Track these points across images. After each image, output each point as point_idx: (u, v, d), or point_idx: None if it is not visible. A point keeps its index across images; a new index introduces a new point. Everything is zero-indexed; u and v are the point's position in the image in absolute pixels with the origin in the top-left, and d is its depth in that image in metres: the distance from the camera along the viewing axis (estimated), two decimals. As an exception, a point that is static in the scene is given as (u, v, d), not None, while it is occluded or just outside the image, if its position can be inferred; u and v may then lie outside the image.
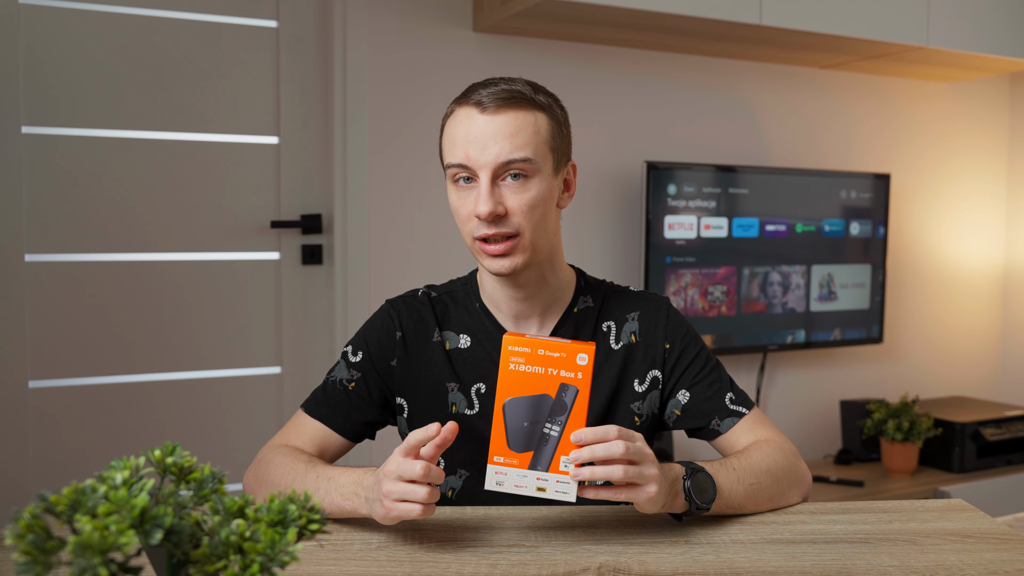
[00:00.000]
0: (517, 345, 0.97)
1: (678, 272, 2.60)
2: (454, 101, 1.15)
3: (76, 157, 2.09)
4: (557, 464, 0.95)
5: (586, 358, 0.96)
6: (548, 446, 0.95)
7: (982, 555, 0.97)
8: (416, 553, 0.97)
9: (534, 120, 1.11)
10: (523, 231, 1.11)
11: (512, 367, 0.97)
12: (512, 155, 1.09)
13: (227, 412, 2.27)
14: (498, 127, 1.09)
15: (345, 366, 1.22)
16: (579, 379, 0.96)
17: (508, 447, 0.96)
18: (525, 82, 1.14)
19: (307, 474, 1.07)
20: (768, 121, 2.87)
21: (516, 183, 1.10)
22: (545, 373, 0.96)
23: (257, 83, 2.26)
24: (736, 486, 1.07)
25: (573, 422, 0.95)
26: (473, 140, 1.09)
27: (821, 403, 3.02)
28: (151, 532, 0.56)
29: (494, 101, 1.09)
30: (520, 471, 0.96)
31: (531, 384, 0.96)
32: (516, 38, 2.46)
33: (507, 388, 0.97)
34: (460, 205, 1.13)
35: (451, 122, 1.14)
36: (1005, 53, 2.75)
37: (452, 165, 1.12)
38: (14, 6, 2.01)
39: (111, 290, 2.14)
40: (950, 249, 3.27)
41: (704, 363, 1.22)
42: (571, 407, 0.95)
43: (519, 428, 0.96)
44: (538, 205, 1.12)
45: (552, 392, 0.96)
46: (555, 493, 0.95)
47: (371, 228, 2.31)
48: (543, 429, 0.96)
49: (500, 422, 0.96)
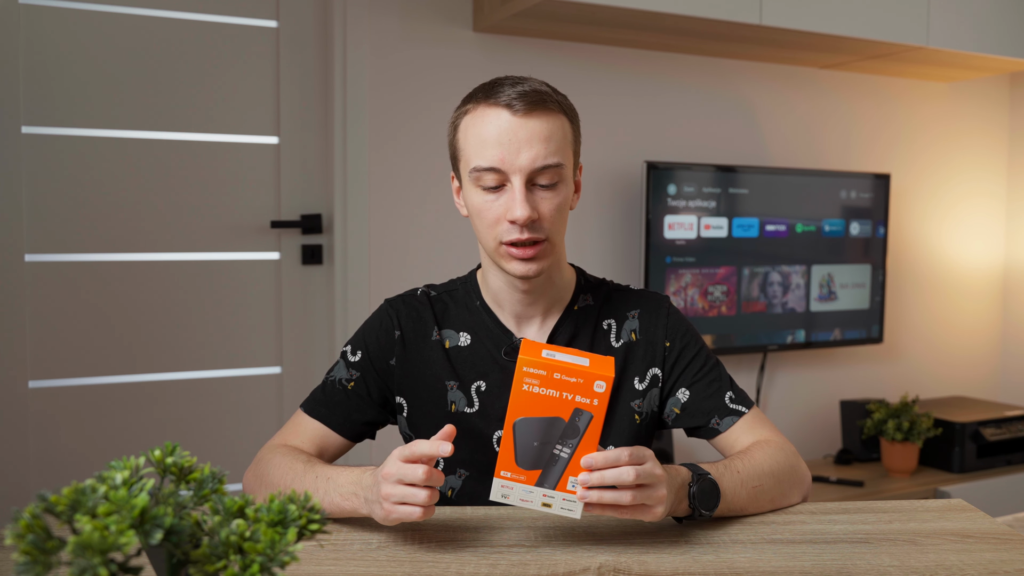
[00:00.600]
0: (533, 367, 0.93)
1: (678, 272, 2.59)
2: (472, 99, 1.11)
3: (76, 157, 2.09)
4: (565, 483, 0.94)
5: (604, 386, 0.92)
6: (557, 467, 0.94)
7: (982, 555, 0.97)
8: (416, 553, 0.97)
9: (561, 124, 1.11)
10: (551, 235, 1.11)
11: (526, 387, 0.93)
12: (547, 160, 1.08)
13: (227, 412, 2.27)
14: (531, 131, 1.07)
15: (344, 366, 1.22)
16: (595, 406, 0.93)
17: (516, 464, 0.94)
18: (541, 83, 1.12)
19: (306, 474, 1.07)
20: (768, 121, 2.87)
21: (548, 188, 1.10)
22: (560, 397, 0.93)
23: (257, 83, 2.26)
24: (739, 490, 1.07)
25: (585, 446, 0.93)
26: (507, 143, 1.07)
27: (821, 403, 3.02)
28: (151, 532, 0.56)
29: (525, 103, 1.07)
30: (526, 487, 0.95)
31: (544, 407, 0.93)
32: (516, 38, 2.46)
33: (519, 408, 0.94)
34: (486, 208, 1.10)
35: (477, 122, 1.10)
36: (1005, 53, 2.75)
37: (482, 168, 1.09)
38: (14, 6, 2.01)
39: (111, 290, 2.14)
40: (950, 249, 3.27)
41: (704, 362, 1.22)
42: (584, 431, 0.93)
43: (529, 447, 0.94)
44: (564, 209, 1.12)
45: (565, 416, 0.93)
46: (560, 510, 0.95)
47: (371, 228, 2.31)
48: (553, 450, 0.94)
49: (509, 439, 0.94)
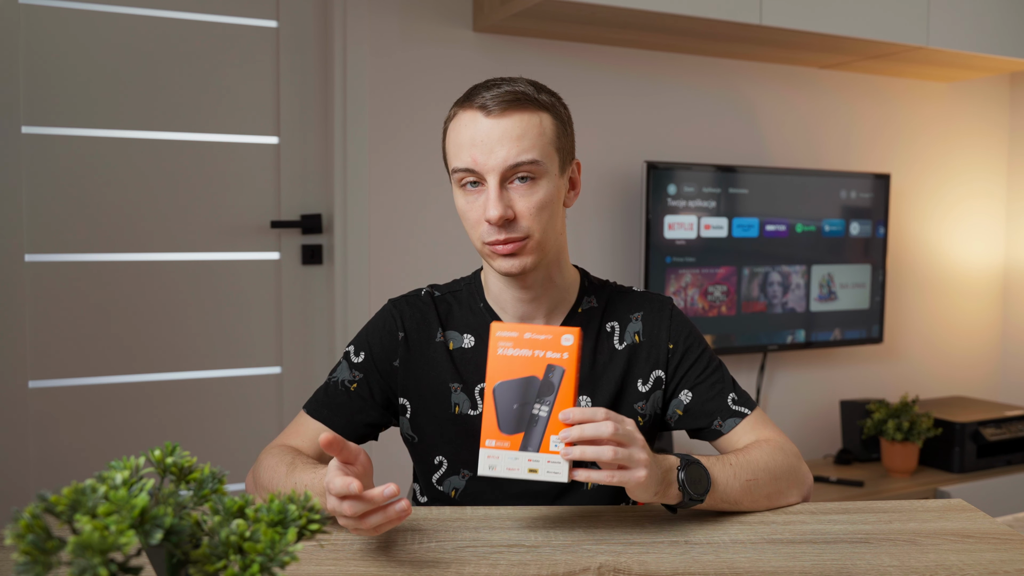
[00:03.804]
0: (504, 331, 1.00)
1: (678, 272, 2.59)
2: (456, 104, 1.14)
3: (76, 157, 2.09)
4: (547, 444, 0.97)
5: (571, 339, 0.98)
6: (538, 426, 0.97)
7: (982, 555, 0.97)
8: (416, 553, 0.97)
9: (539, 121, 1.11)
10: (532, 233, 1.11)
11: (500, 351, 0.99)
12: (519, 158, 1.08)
13: (227, 412, 2.27)
14: (503, 130, 1.08)
15: (347, 367, 1.22)
16: (565, 359, 0.98)
17: (499, 429, 0.98)
18: (527, 82, 1.13)
19: (287, 477, 1.07)
20: (768, 121, 2.87)
21: (524, 186, 1.10)
22: (532, 356, 0.98)
23: (257, 83, 2.26)
24: (732, 481, 1.07)
25: (561, 402, 0.97)
26: (479, 144, 1.09)
27: (821, 403, 3.02)
28: (151, 532, 0.56)
29: (498, 104, 1.09)
30: (511, 453, 0.97)
31: (519, 367, 0.99)
32: (516, 38, 2.46)
33: (496, 372, 0.99)
34: (468, 209, 1.12)
35: (455, 125, 1.13)
36: (1005, 53, 2.75)
37: (459, 170, 1.11)
38: (14, 6, 2.01)
39: (111, 290, 2.14)
40: (950, 249, 3.27)
41: (707, 363, 1.22)
42: (558, 387, 0.97)
43: (509, 410, 0.98)
44: (546, 206, 1.11)
45: (540, 374, 0.98)
46: (547, 474, 0.96)
47: (371, 228, 2.31)
48: (532, 410, 0.97)
49: (491, 405, 0.98)
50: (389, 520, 0.91)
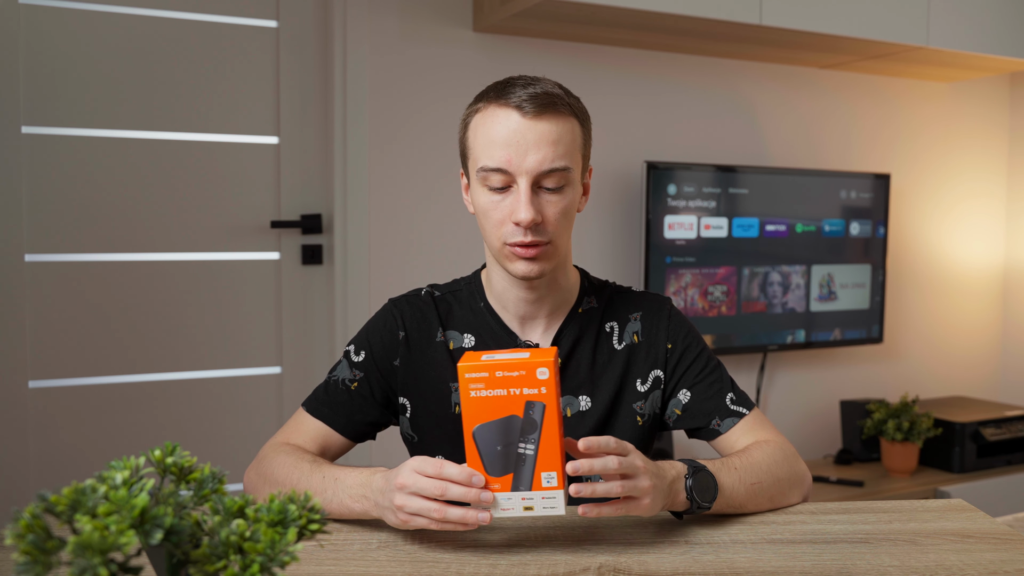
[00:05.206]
0: (474, 372, 0.92)
1: (678, 272, 2.59)
2: (483, 98, 1.12)
3: (76, 157, 2.09)
4: (539, 481, 0.93)
5: (547, 372, 0.91)
6: (526, 465, 0.93)
7: (982, 555, 0.97)
8: (416, 553, 0.97)
9: (571, 128, 1.10)
10: (554, 239, 1.11)
11: (473, 394, 0.93)
12: (554, 163, 1.08)
13: (227, 412, 2.27)
14: (540, 133, 1.07)
15: (348, 365, 1.22)
16: (543, 394, 0.92)
17: (487, 473, 0.94)
18: (554, 84, 1.12)
19: (312, 474, 1.06)
20: (768, 121, 2.87)
21: (554, 191, 1.09)
22: (508, 394, 0.92)
23: (257, 83, 2.26)
24: (738, 485, 1.07)
25: (547, 437, 0.93)
26: (515, 144, 1.07)
27: (821, 403, 3.02)
28: (151, 532, 0.56)
29: (535, 105, 1.07)
30: (503, 494, 0.94)
31: (497, 408, 0.93)
32: (516, 38, 2.46)
33: (473, 415, 0.93)
34: (493, 209, 1.10)
35: (483, 120, 1.10)
36: (1005, 53, 2.75)
37: (488, 168, 1.09)
38: (14, 6, 2.01)
39: (111, 290, 2.14)
40: (950, 249, 3.27)
41: (705, 363, 1.22)
42: (541, 423, 0.93)
43: (493, 452, 0.94)
44: (569, 213, 1.12)
45: (519, 412, 0.93)
46: (543, 509, 0.94)
47: (371, 228, 2.31)
48: (518, 449, 0.93)
49: (473, 450, 0.94)
50: (466, 521, 0.92)
